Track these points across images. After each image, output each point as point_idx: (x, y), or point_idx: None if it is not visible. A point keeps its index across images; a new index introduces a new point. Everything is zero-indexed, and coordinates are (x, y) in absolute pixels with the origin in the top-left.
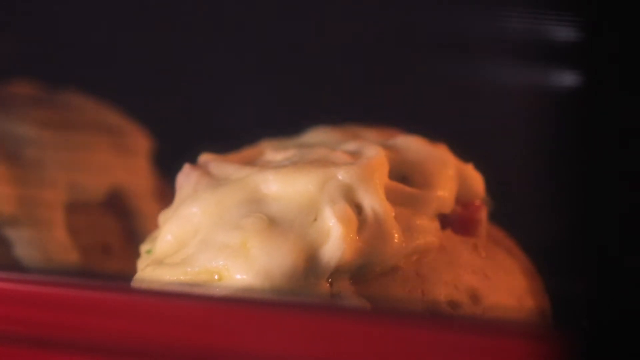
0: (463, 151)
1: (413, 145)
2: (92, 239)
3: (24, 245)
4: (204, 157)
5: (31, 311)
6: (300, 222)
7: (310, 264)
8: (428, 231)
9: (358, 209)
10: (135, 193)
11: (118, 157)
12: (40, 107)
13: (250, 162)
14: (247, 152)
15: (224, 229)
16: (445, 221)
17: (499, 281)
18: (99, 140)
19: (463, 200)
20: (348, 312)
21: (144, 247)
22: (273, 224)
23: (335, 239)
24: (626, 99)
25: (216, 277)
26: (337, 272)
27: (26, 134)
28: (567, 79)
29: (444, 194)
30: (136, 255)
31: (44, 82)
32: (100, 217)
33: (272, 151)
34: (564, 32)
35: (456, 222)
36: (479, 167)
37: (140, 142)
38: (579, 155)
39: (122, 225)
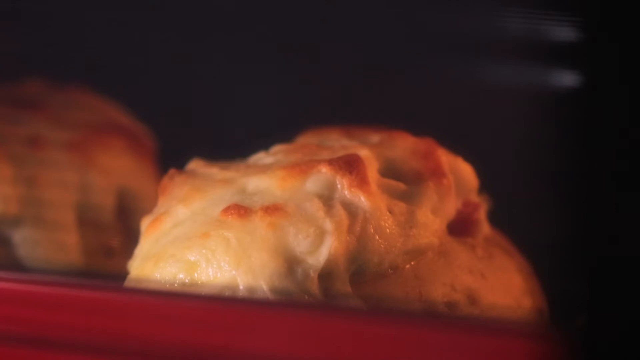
0: (463, 151)
1: (399, 141)
2: (95, 239)
3: (31, 246)
4: (193, 164)
5: (31, 311)
6: (285, 218)
7: (297, 260)
8: (428, 230)
9: (348, 205)
10: (143, 194)
11: (128, 158)
12: (52, 106)
13: (237, 166)
14: (237, 162)
15: (205, 221)
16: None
17: (496, 281)
18: (109, 141)
19: (458, 195)
20: (346, 313)
21: (130, 264)
22: (255, 216)
23: (325, 237)
24: (626, 99)
25: (199, 266)
26: (333, 272)
27: (37, 134)
28: (567, 79)
29: (441, 182)
30: None
31: (50, 81)
32: (105, 217)
33: (260, 153)
34: (564, 32)
35: (454, 222)
36: (479, 166)
37: (147, 144)
38: (578, 155)
39: (126, 226)
